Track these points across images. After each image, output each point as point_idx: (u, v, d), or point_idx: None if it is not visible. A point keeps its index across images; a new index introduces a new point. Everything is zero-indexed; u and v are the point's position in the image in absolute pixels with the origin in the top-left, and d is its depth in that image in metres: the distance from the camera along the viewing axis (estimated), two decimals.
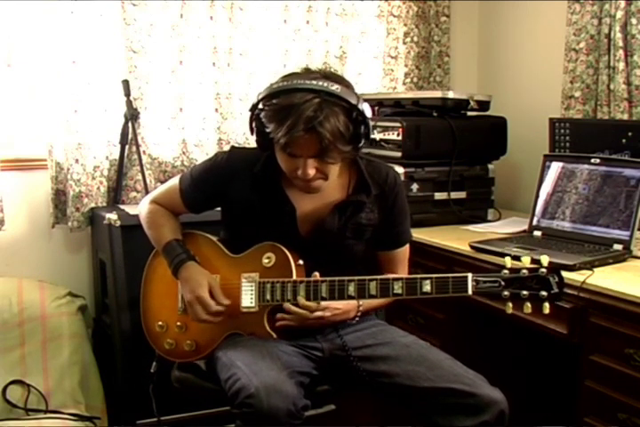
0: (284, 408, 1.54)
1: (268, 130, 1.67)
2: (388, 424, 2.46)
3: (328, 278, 1.72)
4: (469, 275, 1.59)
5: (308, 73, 1.71)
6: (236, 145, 2.77)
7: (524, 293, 1.54)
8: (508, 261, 1.59)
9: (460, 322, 2.36)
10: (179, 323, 1.90)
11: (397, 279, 1.67)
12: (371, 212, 1.87)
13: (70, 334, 2.52)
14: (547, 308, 1.53)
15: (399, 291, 1.66)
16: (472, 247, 2.21)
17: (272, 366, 1.65)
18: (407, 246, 1.98)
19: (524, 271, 1.55)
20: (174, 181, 1.95)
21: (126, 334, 2.41)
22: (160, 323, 1.94)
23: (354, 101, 1.66)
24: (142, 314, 2.00)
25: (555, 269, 1.55)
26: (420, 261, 2.44)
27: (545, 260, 1.55)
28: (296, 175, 1.71)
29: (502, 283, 1.56)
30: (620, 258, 2.03)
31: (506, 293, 1.55)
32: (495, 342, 2.45)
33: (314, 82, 1.64)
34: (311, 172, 1.69)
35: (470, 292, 1.58)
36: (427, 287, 1.63)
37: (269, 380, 1.58)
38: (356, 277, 1.71)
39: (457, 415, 1.66)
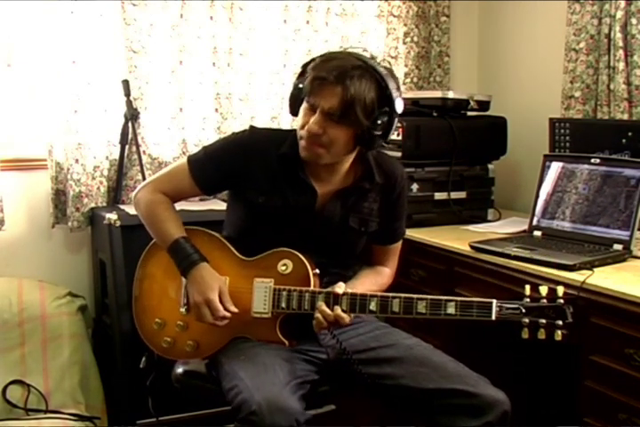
0: (286, 426, 1.54)
1: (306, 76, 1.69)
2: (388, 424, 2.46)
3: (349, 291, 1.72)
4: (494, 301, 1.62)
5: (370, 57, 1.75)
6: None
7: (542, 321, 1.59)
8: (527, 289, 1.64)
9: (460, 322, 2.35)
10: (180, 322, 1.86)
11: (422, 299, 1.67)
12: (374, 202, 1.86)
13: (70, 334, 2.51)
14: (559, 335, 1.59)
15: (423, 310, 1.67)
16: (472, 247, 2.21)
17: (274, 379, 1.62)
18: (400, 242, 2.00)
19: (544, 301, 1.61)
20: (179, 163, 1.89)
21: (126, 334, 2.41)
22: (158, 320, 1.89)
23: (391, 88, 1.67)
24: (136, 311, 1.96)
25: (570, 300, 1.61)
26: (421, 261, 2.44)
27: (560, 290, 1.61)
28: (302, 134, 1.71)
29: (523, 310, 1.60)
30: (619, 258, 2.03)
31: (526, 320, 1.60)
32: (495, 342, 2.44)
33: (369, 58, 1.70)
34: (315, 126, 1.67)
35: (494, 317, 1.61)
36: (451, 309, 1.65)
37: (271, 396, 1.56)
38: (379, 293, 1.72)
39: (460, 416, 1.66)
